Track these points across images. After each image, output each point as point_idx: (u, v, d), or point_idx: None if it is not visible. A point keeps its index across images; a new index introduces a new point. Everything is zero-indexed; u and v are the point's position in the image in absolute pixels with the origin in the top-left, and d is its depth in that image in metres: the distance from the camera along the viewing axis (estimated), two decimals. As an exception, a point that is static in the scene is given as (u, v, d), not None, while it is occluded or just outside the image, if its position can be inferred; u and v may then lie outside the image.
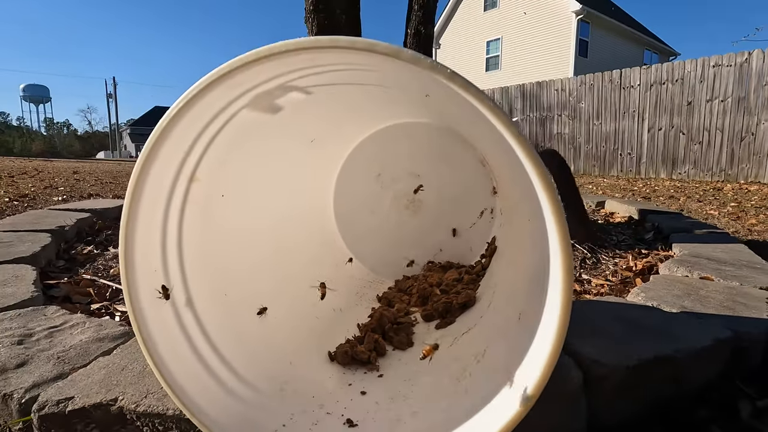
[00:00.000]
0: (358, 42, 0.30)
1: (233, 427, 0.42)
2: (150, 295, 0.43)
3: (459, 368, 0.50)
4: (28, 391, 0.55)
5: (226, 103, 0.41)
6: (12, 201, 2.80)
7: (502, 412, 0.35)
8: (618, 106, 7.57)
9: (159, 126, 0.37)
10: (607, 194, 4.59)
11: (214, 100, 0.39)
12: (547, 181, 0.30)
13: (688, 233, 1.60)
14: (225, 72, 0.34)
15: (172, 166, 0.42)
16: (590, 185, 5.74)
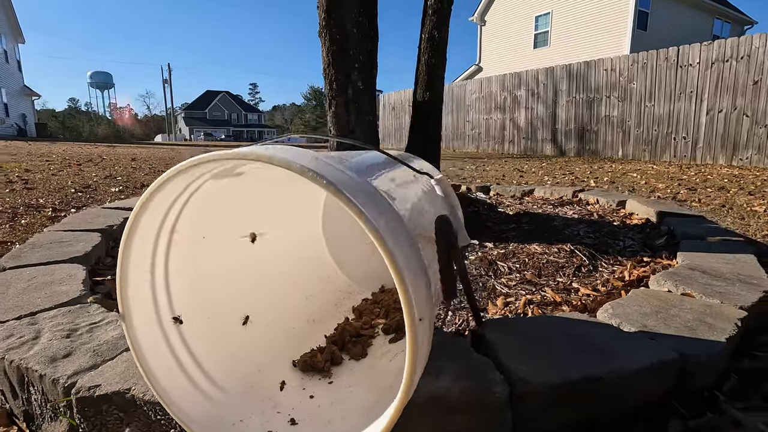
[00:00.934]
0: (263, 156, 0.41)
1: (201, 419, 0.56)
2: (141, 318, 0.57)
3: (387, 381, 0.60)
4: (70, 377, 0.72)
5: (188, 183, 0.53)
6: (77, 192, 3.16)
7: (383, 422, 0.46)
8: (674, 87, 7.05)
9: (139, 202, 0.49)
10: (650, 184, 4.38)
11: (178, 183, 0.51)
12: (394, 265, 0.39)
13: (701, 241, 1.58)
14: (184, 168, 0.46)
15: (154, 226, 0.55)
16: (635, 173, 5.47)
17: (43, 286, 1.07)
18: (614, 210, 2.16)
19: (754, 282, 1.16)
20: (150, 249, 0.56)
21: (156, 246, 0.57)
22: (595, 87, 8.12)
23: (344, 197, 0.38)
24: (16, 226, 2.06)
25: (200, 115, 47.49)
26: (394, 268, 0.38)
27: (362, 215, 0.38)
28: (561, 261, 1.44)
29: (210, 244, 0.67)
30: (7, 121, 18.79)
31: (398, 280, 0.38)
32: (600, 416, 0.72)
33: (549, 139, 9.05)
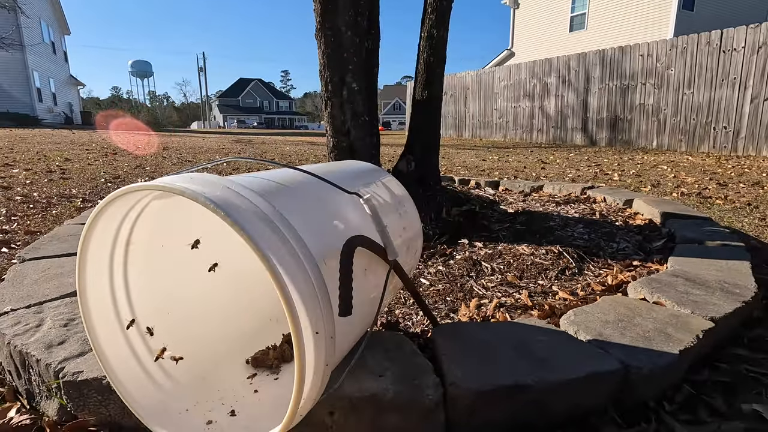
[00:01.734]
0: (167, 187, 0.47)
1: (150, 406, 0.64)
2: (100, 319, 0.65)
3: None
4: (60, 363, 0.82)
5: (133, 203, 0.60)
6: (107, 182, 3.38)
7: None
8: (715, 73, 6.64)
9: (87, 221, 0.57)
10: (679, 177, 4.22)
11: (120, 206, 0.58)
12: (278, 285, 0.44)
13: (699, 245, 1.54)
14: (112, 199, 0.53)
15: (108, 240, 0.63)
16: (666, 165, 5.25)
17: (53, 277, 1.19)
18: (620, 209, 2.12)
19: (737, 291, 1.14)
20: (106, 260, 0.64)
21: (112, 258, 0.65)
22: (630, 74, 7.76)
23: (235, 225, 0.43)
24: (47, 216, 2.24)
25: (233, 103, 48.59)
26: (278, 285, 0.43)
27: (248, 236, 0.43)
28: (546, 263, 1.45)
29: (170, 253, 0.75)
30: (55, 110, 19.94)
31: (282, 296, 0.43)
32: (531, 421, 0.76)
33: (579, 128, 8.75)
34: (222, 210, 0.44)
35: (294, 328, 0.44)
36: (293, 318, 0.43)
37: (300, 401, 0.47)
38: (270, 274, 0.43)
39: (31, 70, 17.35)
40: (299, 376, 0.45)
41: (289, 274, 0.45)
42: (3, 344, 0.91)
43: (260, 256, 0.43)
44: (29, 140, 7.40)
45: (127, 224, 0.63)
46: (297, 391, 0.46)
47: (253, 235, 0.43)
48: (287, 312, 0.44)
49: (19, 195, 2.76)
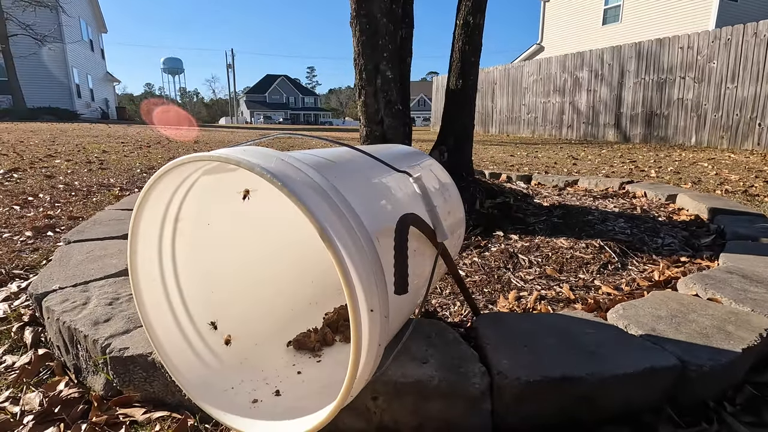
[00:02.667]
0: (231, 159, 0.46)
1: (198, 383, 0.64)
2: (150, 298, 0.66)
3: (363, 365, 0.65)
4: (106, 339, 0.84)
5: (183, 179, 0.59)
6: (142, 173, 3.48)
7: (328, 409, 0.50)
8: (762, 66, 6.29)
9: (140, 195, 0.57)
10: (722, 175, 4.00)
11: (171, 180, 0.58)
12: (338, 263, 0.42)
13: (752, 242, 1.45)
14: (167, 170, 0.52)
15: (158, 216, 0.63)
16: (707, 163, 5.01)
17: (97, 258, 1.23)
18: (662, 204, 2.03)
19: (800, 290, 1.06)
20: (156, 236, 0.65)
21: (162, 233, 0.65)
22: (668, 67, 7.43)
23: (292, 195, 0.42)
24: (88, 203, 2.32)
25: (260, 99, 49.35)
26: (336, 258, 0.42)
27: (308, 210, 0.42)
28: (587, 257, 1.40)
29: (216, 231, 0.75)
30: (93, 106, 20.75)
31: (340, 271, 0.42)
32: (580, 414, 0.72)
33: (612, 124, 8.46)
34: (278, 181, 0.43)
35: (351, 303, 0.42)
36: (351, 293, 0.42)
37: (354, 380, 0.46)
38: (328, 247, 0.42)
39: (71, 67, 18.09)
40: (355, 354, 0.44)
41: (345, 249, 0.43)
42: (52, 320, 0.94)
43: (318, 230, 0.42)
44: (69, 133, 7.72)
45: (176, 200, 0.63)
46: (352, 368, 0.45)
47: (310, 206, 0.42)
48: (345, 287, 0.42)
49: (62, 183, 2.87)
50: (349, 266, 0.42)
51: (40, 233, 1.76)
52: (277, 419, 0.57)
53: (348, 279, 0.42)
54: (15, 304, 1.18)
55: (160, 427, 0.74)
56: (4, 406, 0.81)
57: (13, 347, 1.00)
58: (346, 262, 0.42)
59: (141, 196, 0.57)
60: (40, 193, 2.55)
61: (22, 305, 1.17)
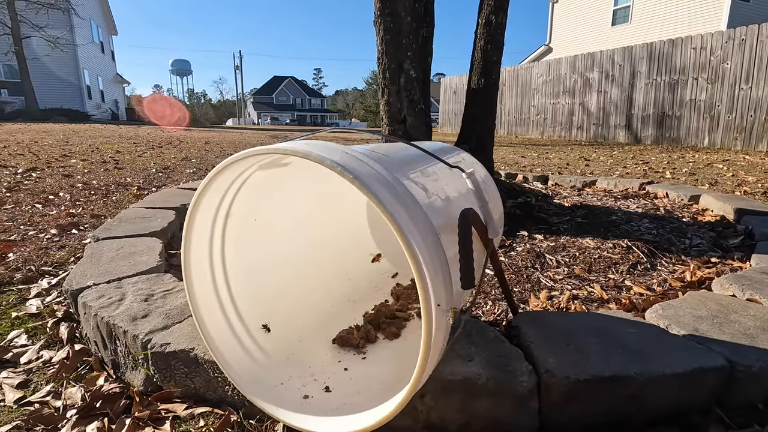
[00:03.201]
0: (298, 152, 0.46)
1: (248, 378, 0.64)
2: (201, 291, 0.66)
3: (413, 361, 0.64)
4: (146, 335, 0.84)
5: (238, 174, 0.59)
6: (158, 172, 3.50)
7: (394, 403, 0.50)
8: (777, 66, 6.20)
9: (198, 189, 0.57)
10: (738, 176, 3.96)
11: (228, 176, 0.58)
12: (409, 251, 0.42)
13: (783, 242, 1.43)
14: (231, 162, 0.52)
15: (210, 211, 0.63)
16: (722, 164, 4.95)
17: (127, 255, 1.23)
18: (685, 205, 2.00)
19: (840, 291, 1.04)
20: (208, 230, 0.65)
21: (213, 228, 0.65)
22: (680, 68, 7.37)
23: (364, 188, 0.42)
24: (108, 202, 2.34)
25: (267, 100, 49.57)
26: (410, 252, 0.41)
27: (381, 204, 0.41)
28: (615, 257, 1.38)
29: (261, 227, 0.75)
30: (103, 107, 20.96)
31: (414, 264, 0.42)
32: (628, 414, 0.71)
33: (623, 126, 8.40)
34: (350, 173, 0.43)
35: (424, 299, 0.42)
36: (424, 288, 0.41)
37: (422, 374, 0.45)
38: (403, 242, 0.42)
39: (82, 68, 18.30)
40: (425, 351, 0.43)
41: (417, 244, 0.43)
42: (89, 316, 0.95)
43: (393, 225, 0.42)
44: (81, 134, 7.80)
45: (229, 195, 0.63)
46: (421, 363, 0.44)
47: (383, 200, 0.42)
48: (419, 282, 0.42)
49: (80, 182, 2.90)
50: (422, 261, 0.42)
51: (64, 231, 1.78)
52: (331, 415, 0.57)
53: (421, 274, 0.41)
54: (47, 300, 1.19)
55: (204, 423, 0.74)
56: (47, 400, 0.82)
57: (49, 342, 1.01)
58: (419, 257, 0.42)
59: (199, 189, 0.57)
60: (60, 191, 2.58)
61: (55, 301, 1.18)
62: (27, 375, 0.90)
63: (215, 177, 0.55)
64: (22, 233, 1.75)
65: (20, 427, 0.75)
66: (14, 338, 1.02)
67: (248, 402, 0.73)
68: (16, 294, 1.23)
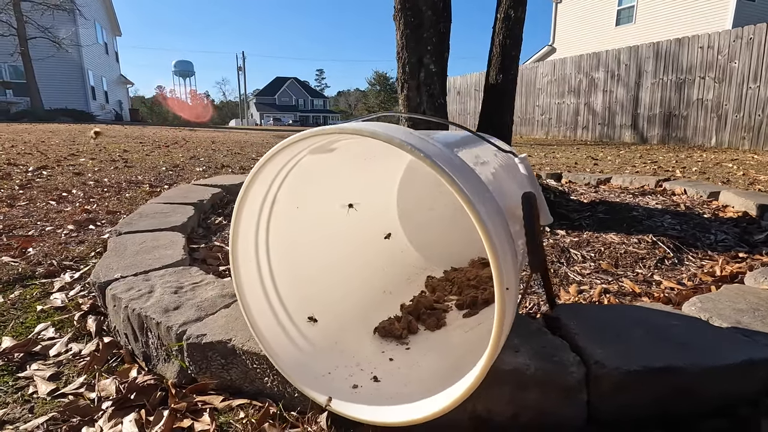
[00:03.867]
0: (364, 131, 0.45)
1: (295, 367, 0.62)
2: (248, 278, 0.65)
3: (462, 351, 0.63)
4: (180, 326, 0.83)
5: (291, 157, 0.58)
6: (168, 170, 3.50)
7: (458, 390, 0.49)
8: (785, 65, 6.17)
9: (249, 176, 0.56)
10: (749, 175, 3.93)
11: (281, 159, 0.56)
12: (484, 229, 0.40)
13: (811, 237, 1.41)
14: (286, 145, 0.51)
15: (259, 197, 0.62)
16: (731, 163, 4.92)
17: (151, 249, 1.22)
18: (704, 202, 1.99)
19: None
20: (255, 216, 0.64)
21: (260, 215, 0.64)
22: (687, 67, 7.34)
23: (440, 169, 0.41)
24: (122, 199, 2.34)
25: (270, 101, 49.63)
26: (486, 236, 0.40)
27: (457, 187, 0.40)
28: (641, 252, 1.37)
29: (300, 214, 0.74)
30: (107, 107, 21.02)
31: (489, 247, 0.40)
32: (676, 407, 0.70)
33: (629, 125, 8.37)
34: (421, 152, 0.42)
35: (498, 281, 0.41)
36: (498, 270, 0.40)
37: (492, 360, 0.44)
38: (478, 224, 0.40)
39: (86, 69, 18.35)
40: (497, 336, 0.42)
41: (492, 226, 0.42)
42: (119, 308, 0.94)
43: (468, 206, 0.40)
44: (87, 134, 7.81)
45: (278, 181, 0.62)
46: (492, 348, 0.43)
47: (458, 181, 0.41)
48: (493, 264, 0.40)
49: (92, 180, 2.89)
50: (496, 243, 0.41)
51: (81, 227, 1.77)
52: (385, 404, 0.56)
53: (496, 254, 0.40)
54: (71, 294, 1.18)
55: (243, 415, 0.73)
56: (81, 392, 0.81)
57: (77, 335, 1.00)
58: (494, 239, 0.41)
59: (253, 171, 0.56)
60: (73, 189, 2.58)
61: (80, 295, 1.17)
62: (57, 367, 0.89)
63: (271, 158, 0.54)
64: (39, 229, 1.74)
65: (56, 418, 0.74)
66: (41, 331, 1.01)
67: (288, 393, 0.72)
68: (39, 288, 1.22)
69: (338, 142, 0.62)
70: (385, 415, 0.54)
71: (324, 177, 0.72)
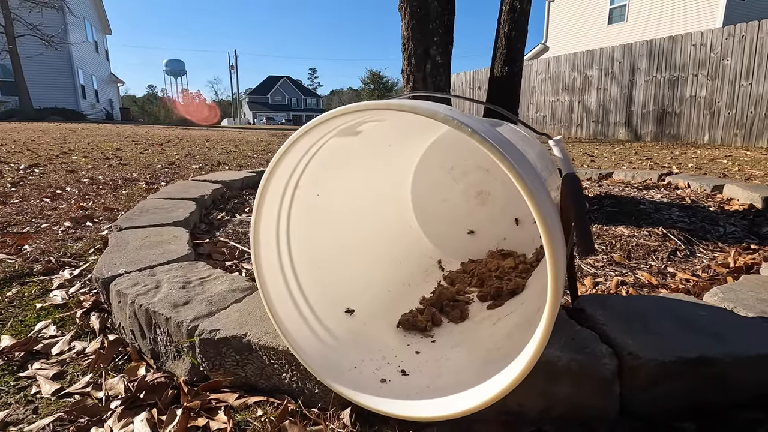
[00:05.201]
0: (405, 106, 0.42)
1: (320, 361, 0.59)
2: (269, 268, 0.62)
3: (493, 343, 0.60)
4: (191, 321, 0.80)
5: (319, 137, 0.55)
6: (164, 168, 3.44)
7: (503, 381, 0.46)
8: (777, 63, 6.23)
9: (275, 158, 0.53)
10: (744, 171, 3.95)
11: (311, 138, 0.53)
12: (539, 211, 0.38)
13: (820, 229, 1.41)
14: (322, 121, 0.48)
15: (283, 180, 0.59)
16: (725, 159, 4.96)
17: (155, 244, 1.18)
18: (708, 195, 1.98)
19: None
20: (277, 202, 0.61)
21: (282, 199, 0.61)
22: (680, 65, 7.39)
23: (489, 145, 0.38)
24: (119, 196, 2.29)
25: (263, 100, 49.35)
26: (535, 207, 0.38)
27: (506, 161, 0.38)
28: (652, 244, 1.35)
29: (321, 203, 0.71)
30: (97, 106, 20.75)
31: (540, 219, 0.38)
32: (710, 398, 0.68)
33: (623, 123, 8.41)
34: (468, 127, 0.39)
35: (553, 265, 0.38)
36: (554, 253, 0.38)
37: (542, 347, 0.42)
38: (531, 203, 0.38)
39: (76, 67, 18.08)
40: (548, 321, 0.40)
41: (542, 200, 0.39)
42: (125, 304, 0.90)
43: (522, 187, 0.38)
44: (78, 132, 7.69)
45: (303, 163, 0.59)
46: (544, 334, 0.41)
47: (509, 160, 0.38)
48: (548, 247, 0.38)
49: (86, 178, 2.83)
50: (551, 229, 0.38)
51: (78, 223, 1.72)
52: (417, 398, 0.53)
53: (552, 244, 0.38)
54: (72, 291, 1.14)
55: (262, 412, 0.69)
56: (87, 391, 0.77)
57: (80, 333, 0.96)
58: (549, 221, 0.38)
59: (283, 148, 0.52)
60: (67, 186, 2.52)
61: (80, 291, 1.13)
62: (61, 366, 0.85)
63: (303, 136, 0.51)
64: (34, 226, 1.69)
65: (63, 419, 0.70)
66: (42, 329, 0.97)
67: (308, 389, 0.69)
68: (38, 285, 1.18)
69: (366, 124, 0.59)
70: (419, 409, 0.51)
71: (343, 165, 0.69)
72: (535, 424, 0.65)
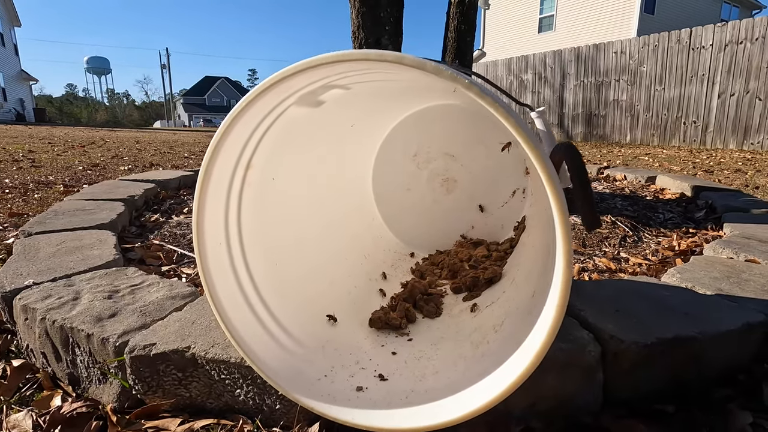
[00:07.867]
0: (388, 56, 0.35)
1: (284, 373, 0.51)
2: (216, 266, 0.52)
3: (479, 336, 0.55)
4: (120, 336, 0.67)
5: (276, 103, 0.47)
6: (86, 170, 3.09)
7: (508, 375, 0.41)
8: (685, 70, 6.93)
9: (221, 127, 0.44)
10: (664, 167, 4.32)
11: (266, 102, 0.45)
12: (549, 178, 0.33)
13: (744, 213, 1.52)
14: (279, 78, 0.39)
15: (232, 158, 0.49)
16: (647, 157, 5.41)
17: (73, 250, 1.01)
18: (644, 185, 2.11)
19: (816, 250, 1.11)
20: (226, 185, 0.51)
21: (232, 181, 0.51)
22: (604, 70, 7.99)
23: (489, 99, 0.32)
24: (30, 200, 1.99)
25: (199, 102, 46.96)
26: (543, 167, 0.32)
27: (511, 119, 0.32)
28: (604, 232, 1.39)
29: (277, 188, 0.61)
30: (6, 106, 18.57)
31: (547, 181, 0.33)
32: (688, 378, 0.67)
33: (555, 124, 8.94)
34: (476, 87, 0.33)
35: (564, 241, 0.33)
36: (565, 229, 0.32)
37: (554, 334, 0.36)
38: (542, 173, 0.32)
39: (-23, 62, 16.05)
40: (558, 311, 0.34)
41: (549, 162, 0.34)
42: (33, 321, 0.74)
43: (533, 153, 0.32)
44: (-19, 134, 6.79)
45: (257, 135, 0.50)
46: (555, 319, 0.35)
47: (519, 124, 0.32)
48: (559, 221, 0.33)
49: (-12, 181, 2.46)
50: (561, 198, 0.33)
51: (-24, 232, 1.46)
52: (399, 407, 0.46)
53: (563, 216, 0.32)
54: (-36, 311, 0.94)
55: (212, 438, 0.59)
56: (-18, 433, 0.62)
57: (-27, 361, 0.78)
58: (559, 194, 0.33)
59: (230, 117, 0.43)
60: (-37, 191, 2.16)
61: (-24, 311, 0.93)
62: (-54, 404, 0.68)
63: (259, 96, 0.41)
64: None
65: (-54, 472, 0.55)
66: None
67: (267, 406, 0.60)
68: None
69: (331, 91, 0.51)
70: (404, 419, 0.44)
71: (303, 144, 0.60)
72: (522, 421, 0.60)
